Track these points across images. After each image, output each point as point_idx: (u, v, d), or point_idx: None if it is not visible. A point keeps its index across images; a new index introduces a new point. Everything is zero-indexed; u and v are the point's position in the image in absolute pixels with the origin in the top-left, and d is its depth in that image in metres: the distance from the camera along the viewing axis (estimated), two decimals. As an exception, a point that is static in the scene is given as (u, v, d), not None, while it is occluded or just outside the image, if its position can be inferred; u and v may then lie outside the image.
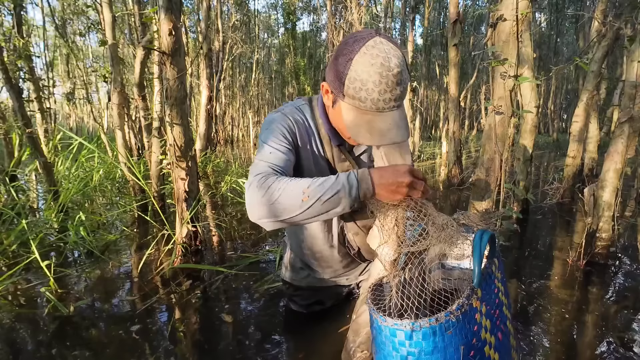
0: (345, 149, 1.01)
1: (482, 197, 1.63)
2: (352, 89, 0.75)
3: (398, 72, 0.74)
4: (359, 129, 0.78)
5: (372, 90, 0.73)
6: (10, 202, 2.85)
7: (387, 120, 0.76)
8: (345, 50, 0.77)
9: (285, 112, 0.97)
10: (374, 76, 0.73)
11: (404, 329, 0.70)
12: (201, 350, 1.32)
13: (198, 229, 2.18)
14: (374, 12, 9.93)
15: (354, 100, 0.77)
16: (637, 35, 2.05)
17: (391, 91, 0.74)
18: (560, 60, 15.80)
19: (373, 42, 0.75)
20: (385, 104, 0.75)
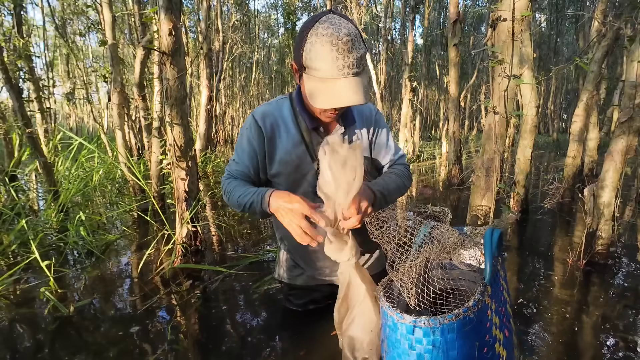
0: (321, 133, 1.07)
1: (482, 197, 1.64)
2: (309, 60, 0.84)
3: (348, 40, 0.81)
4: (316, 94, 0.86)
5: (325, 57, 0.81)
6: (10, 202, 2.85)
7: (341, 85, 0.83)
8: (303, 29, 0.86)
9: (255, 112, 1.08)
10: (326, 45, 0.80)
11: (423, 326, 0.68)
12: (201, 350, 1.32)
13: (198, 229, 2.18)
14: (374, 12, 9.93)
15: (311, 70, 0.85)
16: (637, 35, 2.05)
17: (343, 58, 0.81)
18: (560, 60, 15.79)
19: (325, 18, 0.84)
20: (339, 70, 0.82)
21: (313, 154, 1.07)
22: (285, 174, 1.09)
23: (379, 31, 10.13)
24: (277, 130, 1.06)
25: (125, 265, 2.11)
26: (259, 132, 1.06)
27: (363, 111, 1.15)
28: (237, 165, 1.09)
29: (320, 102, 0.86)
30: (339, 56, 0.81)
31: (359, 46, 0.84)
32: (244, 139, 1.08)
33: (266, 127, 1.06)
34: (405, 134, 7.31)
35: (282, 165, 1.07)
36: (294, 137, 1.06)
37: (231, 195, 1.03)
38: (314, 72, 0.85)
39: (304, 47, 0.84)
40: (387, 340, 0.76)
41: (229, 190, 1.04)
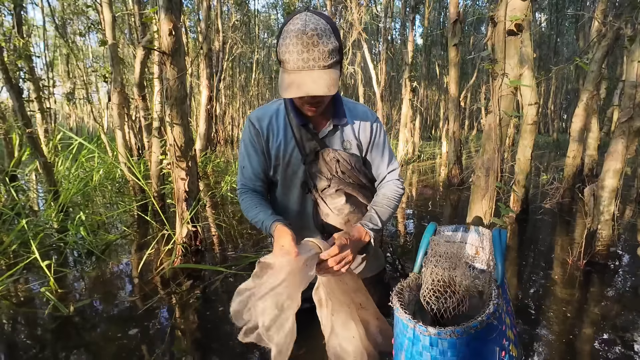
0: (310, 129, 1.10)
1: (482, 197, 1.64)
2: (281, 53, 0.89)
3: (313, 35, 0.85)
4: (283, 85, 0.90)
5: (292, 51, 0.86)
6: (10, 202, 2.85)
7: (304, 77, 0.88)
8: (281, 26, 0.92)
9: (250, 116, 1.12)
10: (293, 39, 0.86)
11: (447, 337, 0.66)
12: (201, 350, 1.32)
13: (198, 229, 2.18)
14: (374, 12, 9.93)
15: (283, 63, 0.90)
16: (637, 35, 2.05)
17: (307, 51, 0.86)
18: (560, 60, 15.77)
19: (299, 15, 0.89)
20: (304, 62, 0.87)
21: (302, 150, 1.08)
22: (280, 171, 1.11)
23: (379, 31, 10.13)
24: (271, 129, 1.10)
25: (125, 265, 2.11)
26: (257, 133, 1.10)
27: (358, 112, 1.14)
28: (245, 173, 1.13)
29: (285, 92, 0.90)
30: (304, 49, 0.86)
31: (326, 40, 0.87)
32: (246, 144, 1.13)
33: (262, 128, 1.09)
34: (405, 134, 7.31)
35: (277, 162, 1.10)
36: (285, 134, 1.10)
37: (246, 214, 1.11)
38: (285, 65, 0.90)
39: (278, 42, 0.91)
40: (406, 353, 0.73)
41: (243, 208, 1.11)
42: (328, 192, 1.10)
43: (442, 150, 6.12)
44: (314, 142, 1.09)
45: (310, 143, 1.09)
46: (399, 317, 0.75)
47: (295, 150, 1.09)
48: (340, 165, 1.08)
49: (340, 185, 1.09)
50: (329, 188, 1.09)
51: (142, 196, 3.26)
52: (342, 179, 1.09)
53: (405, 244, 2.55)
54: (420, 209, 3.62)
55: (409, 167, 7.07)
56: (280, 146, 1.09)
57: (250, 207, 1.08)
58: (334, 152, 1.07)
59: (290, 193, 1.13)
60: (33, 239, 1.99)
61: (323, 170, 1.08)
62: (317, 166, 1.08)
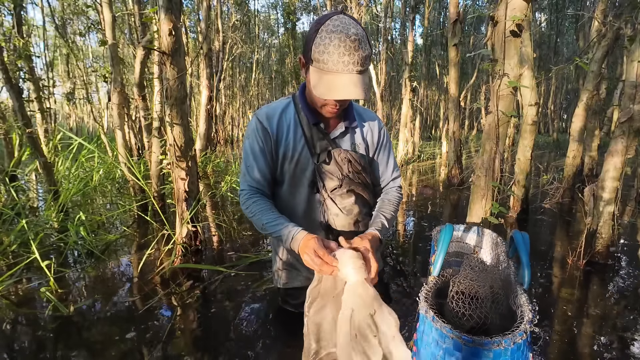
0: (322, 129, 1.10)
1: (482, 197, 1.64)
2: (317, 53, 0.88)
3: (355, 39, 0.86)
4: (320, 86, 0.90)
5: (332, 52, 0.86)
6: (10, 202, 2.85)
7: (344, 79, 0.88)
8: (315, 24, 0.92)
9: (258, 114, 1.11)
10: (334, 40, 0.86)
11: (495, 347, 0.64)
12: (201, 350, 1.32)
13: (198, 229, 2.18)
14: (374, 12, 9.93)
15: (318, 63, 0.89)
16: (637, 35, 2.05)
17: (349, 54, 0.86)
18: (560, 60, 15.77)
19: (336, 17, 0.89)
20: (344, 65, 0.87)
21: (312, 149, 1.08)
22: (288, 170, 1.11)
23: (379, 31, 10.13)
24: (282, 127, 1.09)
25: (125, 265, 2.11)
26: (266, 132, 1.08)
27: (368, 117, 1.17)
28: (251, 172, 1.10)
29: (322, 92, 0.90)
30: (346, 52, 0.86)
31: (364, 46, 0.88)
32: (252, 143, 1.09)
33: (272, 127, 1.08)
34: (405, 134, 7.31)
35: (285, 161, 1.09)
36: (295, 133, 1.09)
37: (256, 218, 1.05)
38: (321, 65, 0.89)
39: (314, 40, 0.89)
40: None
41: (253, 211, 1.06)
42: (338, 192, 1.10)
43: (442, 150, 6.11)
44: (325, 141, 1.09)
45: (322, 142, 1.09)
46: (436, 326, 0.71)
47: (304, 149, 1.09)
48: (352, 165, 1.09)
49: (352, 186, 1.10)
50: (340, 188, 1.09)
51: (142, 196, 3.26)
52: (352, 179, 1.10)
53: (404, 244, 2.55)
54: (420, 209, 3.62)
55: (409, 167, 7.07)
56: (289, 144, 1.08)
57: (263, 212, 1.03)
58: (346, 153, 1.08)
59: (297, 192, 1.13)
60: (33, 239, 1.99)
61: (334, 170, 1.09)
62: (328, 166, 1.09)
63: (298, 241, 0.93)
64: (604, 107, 6.13)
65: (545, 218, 3.24)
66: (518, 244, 0.84)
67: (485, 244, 1.33)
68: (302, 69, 1.01)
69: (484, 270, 0.88)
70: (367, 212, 1.18)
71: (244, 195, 1.10)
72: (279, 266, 1.27)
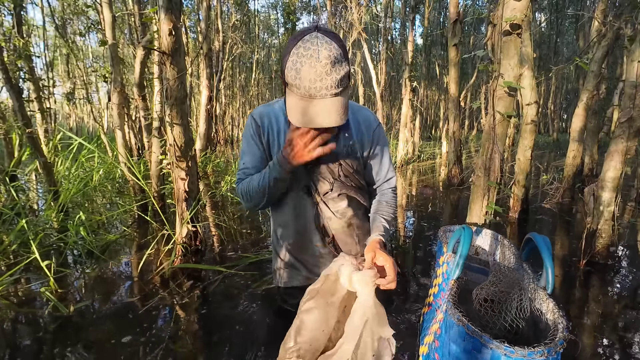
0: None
1: (482, 197, 1.64)
2: (290, 77, 0.86)
3: (327, 63, 0.83)
4: (294, 112, 0.88)
5: (304, 78, 0.83)
6: (10, 202, 2.85)
7: (318, 106, 0.85)
8: (288, 45, 0.89)
9: (253, 112, 1.12)
10: (305, 66, 0.83)
11: (539, 357, 0.62)
12: (201, 350, 1.32)
13: (198, 229, 2.18)
14: (374, 12, 9.93)
15: (292, 87, 0.87)
16: (637, 35, 2.05)
17: (321, 80, 0.83)
18: (560, 60, 15.78)
19: (309, 37, 0.85)
20: (316, 91, 0.84)
21: None
22: None
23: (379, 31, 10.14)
24: (272, 128, 1.10)
25: (125, 265, 2.11)
26: (259, 130, 1.09)
27: (362, 115, 1.15)
28: (247, 163, 1.11)
29: (296, 120, 0.88)
30: (317, 78, 0.83)
31: (339, 67, 0.85)
32: (247, 140, 1.11)
33: (264, 125, 1.09)
34: (405, 134, 7.31)
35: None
36: (286, 134, 1.08)
37: (250, 189, 1.05)
38: (294, 90, 0.87)
39: (286, 64, 0.87)
40: None
41: (247, 188, 1.06)
42: (330, 196, 1.10)
43: (442, 150, 6.11)
44: None
45: None
46: (476, 337, 0.67)
47: None
48: (343, 168, 1.08)
49: (343, 189, 1.09)
50: (332, 192, 1.09)
51: (142, 196, 3.26)
52: (344, 182, 1.09)
53: (404, 245, 2.55)
54: (420, 209, 3.62)
55: (409, 167, 7.07)
56: (280, 147, 1.09)
57: (252, 179, 1.05)
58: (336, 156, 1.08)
59: (290, 196, 1.13)
60: (33, 239, 1.99)
61: (325, 174, 1.08)
62: (319, 169, 1.08)
63: (280, 158, 0.96)
64: (604, 107, 6.13)
65: (545, 218, 3.24)
66: (541, 247, 0.82)
67: (487, 245, 1.32)
68: (283, 86, 0.98)
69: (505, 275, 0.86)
70: (362, 214, 1.18)
71: (239, 183, 1.12)
72: (279, 265, 1.27)
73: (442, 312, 0.88)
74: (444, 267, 1.10)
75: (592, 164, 4.61)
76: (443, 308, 0.91)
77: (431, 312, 1.15)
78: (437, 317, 0.98)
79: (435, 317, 1.03)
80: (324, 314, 0.82)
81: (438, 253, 1.23)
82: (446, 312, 0.82)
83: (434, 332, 0.95)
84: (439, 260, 1.17)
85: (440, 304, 1.04)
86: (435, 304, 1.12)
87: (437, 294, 1.12)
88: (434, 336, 0.92)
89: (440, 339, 0.85)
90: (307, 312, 0.83)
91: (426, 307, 1.24)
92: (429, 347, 0.96)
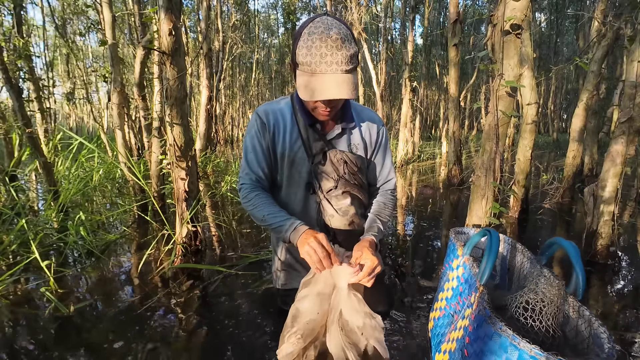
0: (318, 130, 1.10)
1: (482, 197, 1.64)
2: (301, 56, 0.89)
3: (337, 38, 0.86)
4: (306, 88, 0.91)
5: (314, 54, 0.87)
6: (10, 202, 2.85)
7: (329, 80, 0.88)
8: (298, 30, 0.93)
9: (258, 110, 1.11)
10: (315, 42, 0.86)
11: None
12: (201, 350, 1.32)
13: (198, 229, 2.18)
14: (374, 12, 9.93)
15: (303, 66, 0.90)
16: (637, 35, 2.05)
17: (331, 54, 0.86)
18: (560, 60, 15.77)
19: (319, 19, 0.90)
20: (327, 66, 0.87)
21: (309, 150, 1.09)
22: (284, 170, 1.11)
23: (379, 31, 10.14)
24: (278, 125, 1.09)
25: (125, 265, 2.11)
26: (264, 127, 1.09)
27: (367, 116, 1.16)
28: (252, 165, 1.10)
29: (307, 95, 0.90)
30: (328, 52, 0.86)
31: (348, 45, 0.88)
32: (252, 137, 1.10)
33: (269, 123, 1.08)
34: (405, 134, 7.31)
35: (281, 160, 1.09)
36: (292, 133, 1.09)
37: (258, 210, 1.05)
38: (305, 67, 0.90)
39: (297, 44, 0.90)
40: None
41: (256, 204, 1.06)
42: (334, 194, 1.10)
43: (442, 150, 6.12)
44: (321, 142, 1.09)
45: (318, 143, 1.09)
46: (524, 349, 0.63)
47: (301, 150, 1.09)
48: (348, 166, 1.09)
49: (347, 187, 1.10)
50: (336, 189, 1.09)
51: (142, 196, 3.26)
52: (348, 180, 1.10)
53: (404, 245, 2.55)
54: (420, 209, 3.62)
55: (409, 167, 7.08)
56: (286, 144, 1.09)
57: (265, 205, 1.05)
58: (342, 154, 1.08)
59: (293, 193, 1.13)
60: (33, 239, 1.99)
61: (329, 171, 1.09)
62: (323, 167, 1.09)
63: (300, 232, 0.95)
64: (604, 107, 6.13)
65: (545, 218, 3.24)
66: (571, 253, 0.81)
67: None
68: (292, 74, 1.01)
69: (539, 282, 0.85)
70: (363, 213, 1.18)
71: (245, 188, 1.10)
72: (278, 267, 1.27)
73: (471, 319, 0.85)
74: (459, 271, 1.06)
75: (592, 164, 4.61)
76: (467, 314, 0.89)
77: (445, 318, 1.11)
78: (458, 324, 0.94)
79: (453, 323, 1.00)
80: (317, 300, 0.91)
81: (450, 255, 1.18)
82: (480, 320, 0.77)
83: (456, 338, 0.92)
84: (452, 263, 1.14)
85: (458, 309, 1.00)
86: (450, 308, 1.08)
87: (451, 298, 1.08)
88: (458, 344, 0.89)
89: (472, 348, 0.79)
90: (300, 301, 0.91)
91: (437, 312, 1.19)
92: (450, 355, 0.93)
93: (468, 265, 1.01)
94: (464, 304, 0.97)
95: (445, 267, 1.21)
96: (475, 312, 0.82)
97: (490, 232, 0.95)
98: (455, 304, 1.04)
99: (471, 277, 0.96)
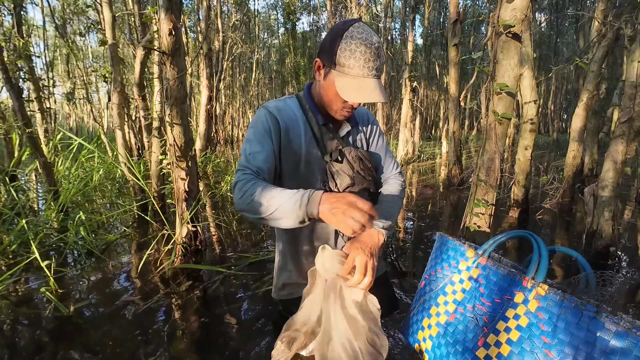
0: (331, 129, 1.11)
1: (482, 197, 1.64)
2: (344, 57, 0.93)
3: (378, 47, 0.93)
4: (348, 90, 0.94)
5: (359, 58, 0.92)
6: (10, 202, 2.85)
7: (370, 84, 0.94)
8: (336, 30, 0.97)
9: (268, 106, 1.09)
10: (360, 47, 0.92)
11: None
12: (201, 350, 1.32)
13: (198, 229, 2.18)
14: (374, 12, 9.93)
15: (343, 68, 0.94)
16: (637, 35, 2.05)
17: (373, 61, 0.93)
18: (560, 60, 15.77)
19: (358, 24, 0.96)
20: (369, 71, 0.93)
21: (323, 149, 1.09)
22: (295, 170, 1.09)
23: (379, 31, 10.14)
24: (291, 124, 1.08)
25: (125, 265, 2.11)
26: (276, 123, 1.03)
27: (361, 113, 1.20)
28: (255, 160, 0.98)
29: (353, 97, 0.95)
30: (370, 58, 0.92)
31: (383, 55, 0.96)
32: (259, 131, 1.01)
33: (283, 119, 1.05)
34: (405, 134, 7.31)
35: (294, 160, 1.07)
36: (305, 132, 1.09)
37: (256, 195, 0.88)
38: (346, 70, 0.94)
39: (339, 45, 0.94)
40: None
41: (251, 192, 0.89)
42: (352, 191, 1.10)
43: (442, 150, 6.12)
44: (336, 141, 1.11)
45: (332, 142, 1.10)
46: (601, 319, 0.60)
47: (315, 149, 1.09)
48: (363, 163, 1.10)
49: (364, 183, 1.11)
50: (354, 186, 1.09)
51: (142, 196, 3.26)
52: (363, 176, 1.11)
53: (405, 245, 2.55)
54: (420, 209, 3.62)
55: (409, 167, 7.07)
56: (301, 143, 1.07)
57: (267, 187, 0.88)
58: (356, 151, 1.09)
59: None
60: (33, 239, 1.99)
61: (345, 169, 1.09)
62: (339, 164, 1.09)
63: (319, 195, 0.81)
64: (604, 107, 6.13)
65: (545, 218, 3.24)
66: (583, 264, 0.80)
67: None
68: (316, 72, 1.02)
69: None
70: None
71: (241, 182, 0.93)
72: (280, 278, 1.25)
73: (538, 317, 0.82)
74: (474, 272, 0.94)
75: (592, 164, 4.61)
76: (511, 315, 0.85)
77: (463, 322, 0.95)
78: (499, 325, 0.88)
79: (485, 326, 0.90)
80: (310, 309, 0.94)
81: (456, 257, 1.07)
82: (576, 315, 0.74)
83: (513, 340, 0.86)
84: (458, 265, 1.02)
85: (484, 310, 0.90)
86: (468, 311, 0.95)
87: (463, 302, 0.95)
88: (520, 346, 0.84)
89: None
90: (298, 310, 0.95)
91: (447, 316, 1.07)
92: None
93: (489, 265, 0.92)
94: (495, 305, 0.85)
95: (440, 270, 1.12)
96: (560, 310, 0.76)
97: (536, 237, 0.90)
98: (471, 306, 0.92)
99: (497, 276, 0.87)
